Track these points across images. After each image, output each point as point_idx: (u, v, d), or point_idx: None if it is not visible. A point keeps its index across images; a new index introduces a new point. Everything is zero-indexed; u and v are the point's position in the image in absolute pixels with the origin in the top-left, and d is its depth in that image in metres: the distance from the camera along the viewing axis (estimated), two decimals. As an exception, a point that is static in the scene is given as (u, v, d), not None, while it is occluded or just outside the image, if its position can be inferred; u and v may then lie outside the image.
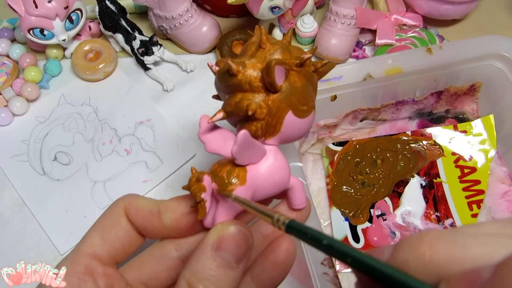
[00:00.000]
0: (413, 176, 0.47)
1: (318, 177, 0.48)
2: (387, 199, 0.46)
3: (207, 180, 0.27)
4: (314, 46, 0.56)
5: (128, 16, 0.59)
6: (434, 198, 0.46)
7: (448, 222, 0.45)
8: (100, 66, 0.55)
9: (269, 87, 0.27)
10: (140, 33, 0.57)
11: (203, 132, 0.29)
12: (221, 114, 0.29)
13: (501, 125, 0.48)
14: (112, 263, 0.30)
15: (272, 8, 0.51)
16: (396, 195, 0.47)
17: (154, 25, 0.58)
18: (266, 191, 0.29)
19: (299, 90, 0.28)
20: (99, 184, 0.49)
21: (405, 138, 0.49)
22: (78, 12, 0.55)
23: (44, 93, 0.56)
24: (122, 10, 0.57)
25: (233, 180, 0.28)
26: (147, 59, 0.55)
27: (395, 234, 0.44)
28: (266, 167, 0.29)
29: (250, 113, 0.27)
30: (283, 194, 0.30)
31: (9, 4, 0.50)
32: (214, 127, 0.29)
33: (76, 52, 0.56)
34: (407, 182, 0.47)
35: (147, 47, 0.55)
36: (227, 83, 0.29)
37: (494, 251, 0.18)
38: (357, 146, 0.49)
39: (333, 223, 0.45)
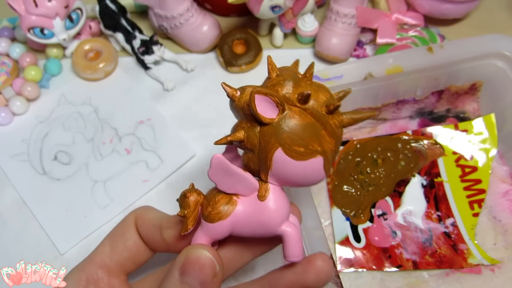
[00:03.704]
0: (414, 176, 0.47)
1: (318, 177, 0.47)
2: (388, 198, 0.46)
3: (193, 198, 0.27)
4: (315, 46, 0.56)
5: (129, 15, 0.58)
6: (435, 197, 0.46)
7: (449, 221, 0.45)
8: (101, 66, 0.55)
9: (255, 117, 0.26)
10: (141, 32, 0.57)
11: (215, 168, 0.27)
12: (225, 140, 0.28)
13: (502, 124, 0.48)
14: (120, 272, 0.30)
15: (273, 8, 0.51)
16: (397, 194, 0.47)
17: (155, 25, 0.58)
18: (249, 229, 0.27)
19: (295, 128, 0.25)
20: (99, 184, 0.49)
21: (406, 137, 0.49)
22: (78, 11, 0.55)
23: (44, 93, 0.56)
24: (122, 9, 0.57)
25: (221, 208, 0.27)
26: (148, 59, 0.55)
27: (396, 233, 0.44)
28: (253, 201, 0.27)
29: (236, 139, 0.27)
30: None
31: (9, 3, 0.50)
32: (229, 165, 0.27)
33: (77, 52, 0.56)
34: (408, 182, 0.47)
35: (147, 47, 0.55)
36: (231, 107, 0.28)
37: None
38: (358, 146, 0.49)
39: (334, 223, 0.45)
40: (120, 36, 0.56)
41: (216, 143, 0.28)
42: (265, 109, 0.25)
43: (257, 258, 0.31)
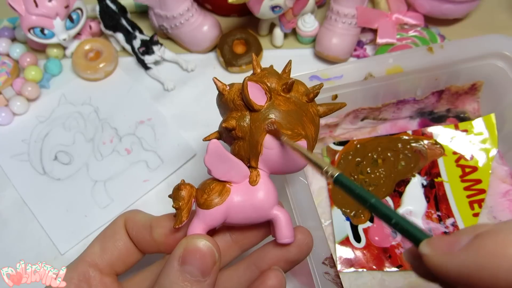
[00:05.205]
0: (414, 176, 0.47)
1: (319, 177, 0.48)
2: (388, 198, 0.46)
3: (186, 191, 0.28)
4: (315, 46, 0.56)
5: (129, 15, 0.59)
6: (435, 197, 0.46)
7: (449, 221, 0.45)
8: (101, 66, 0.55)
9: (247, 104, 0.28)
10: (141, 32, 0.57)
11: (210, 156, 0.29)
12: (215, 134, 0.31)
13: (502, 124, 0.48)
14: (111, 272, 0.31)
15: (273, 8, 0.51)
16: (397, 194, 0.47)
17: (155, 25, 0.58)
18: (243, 213, 0.29)
19: (281, 113, 0.28)
20: (99, 184, 0.49)
21: (406, 137, 0.49)
22: (79, 11, 0.55)
23: (44, 93, 0.56)
24: (122, 9, 0.57)
25: (216, 194, 0.28)
26: (148, 59, 0.55)
27: (396, 233, 0.44)
28: (245, 187, 0.29)
29: (229, 127, 0.28)
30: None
31: (9, 3, 0.50)
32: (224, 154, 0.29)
33: (77, 52, 0.56)
34: (408, 182, 0.47)
35: (147, 47, 0.55)
36: (219, 102, 0.31)
37: None
38: (358, 146, 0.49)
39: (334, 223, 0.45)
40: (120, 36, 0.56)
41: (206, 138, 0.30)
42: (255, 96, 0.28)
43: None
